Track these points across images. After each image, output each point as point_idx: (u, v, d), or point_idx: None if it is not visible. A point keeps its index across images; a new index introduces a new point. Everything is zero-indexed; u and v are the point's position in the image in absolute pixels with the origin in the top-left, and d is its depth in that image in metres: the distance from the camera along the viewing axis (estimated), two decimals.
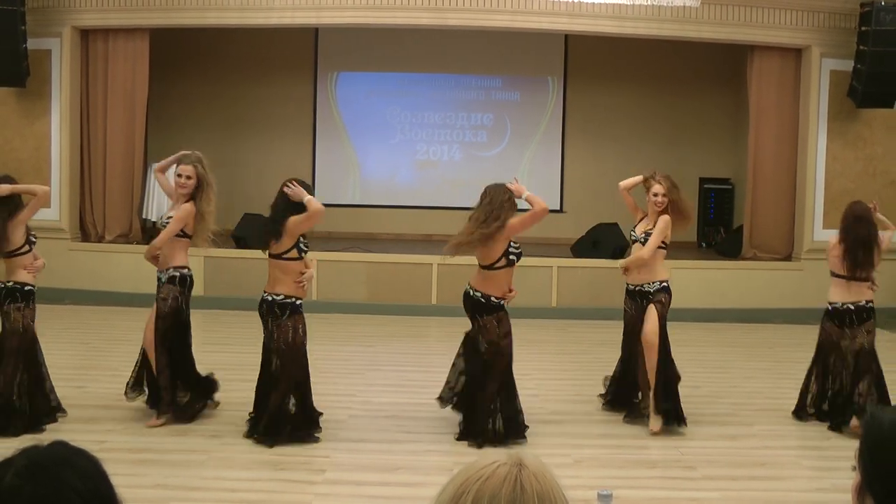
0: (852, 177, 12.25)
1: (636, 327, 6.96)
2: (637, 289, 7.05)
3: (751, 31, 11.92)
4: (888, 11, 11.11)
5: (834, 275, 7.15)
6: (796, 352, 8.00)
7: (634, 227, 7.18)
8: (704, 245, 13.95)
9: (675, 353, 9.47)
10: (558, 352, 9.60)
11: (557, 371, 8.51)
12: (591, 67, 14.63)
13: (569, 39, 14.43)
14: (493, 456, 1.48)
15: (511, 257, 6.46)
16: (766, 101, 12.26)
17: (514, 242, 6.55)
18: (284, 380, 6.13)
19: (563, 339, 10.51)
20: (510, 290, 6.52)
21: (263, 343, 6.34)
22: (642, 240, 6.93)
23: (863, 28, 11.39)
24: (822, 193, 12.20)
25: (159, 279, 6.81)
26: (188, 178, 6.66)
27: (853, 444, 1.91)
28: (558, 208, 14.49)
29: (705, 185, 14.25)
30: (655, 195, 6.91)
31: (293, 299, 6.32)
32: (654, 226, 6.86)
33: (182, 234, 6.81)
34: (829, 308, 7.17)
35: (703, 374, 8.09)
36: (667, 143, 14.62)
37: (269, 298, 6.31)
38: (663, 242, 6.88)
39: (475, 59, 14.67)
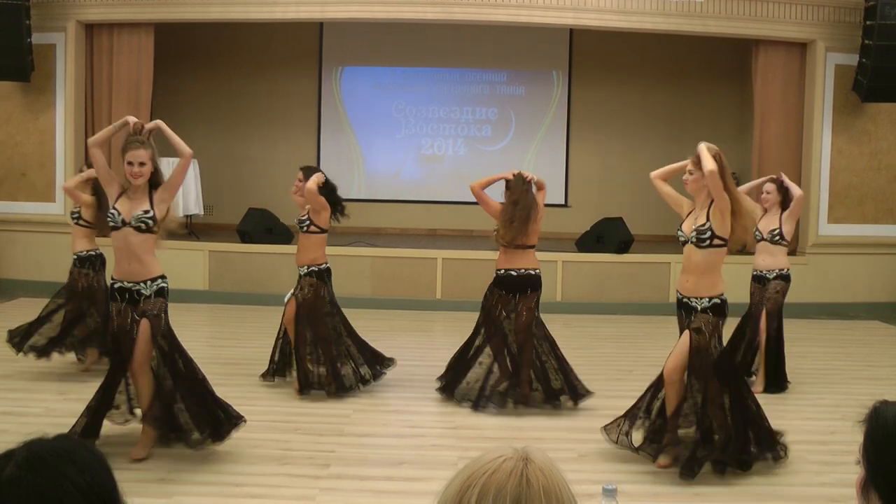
0: (857, 171, 12.24)
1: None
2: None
3: (756, 26, 11.91)
4: (893, 6, 11.09)
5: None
6: (800, 346, 7.99)
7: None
8: None
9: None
10: (562, 346, 9.55)
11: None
12: (595, 62, 14.63)
13: (574, 34, 14.43)
14: (499, 450, 1.48)
15: None
16: (771, 95, 12.25)
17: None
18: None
19: (568, 334, 10.49)
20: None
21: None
22: None
23: (868, 22, 11.37)
24: (827, 188, 12.19)
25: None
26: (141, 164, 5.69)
27: (858, 439, 1.91)
28: (563, 203, 14.50)
29: None
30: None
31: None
32: None
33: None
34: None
35: None
36: (671, 138, 14.61)
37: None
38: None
39: (480, 54, 14.68)
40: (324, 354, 7.29)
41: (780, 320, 7.80)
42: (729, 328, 7.89)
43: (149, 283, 5.54)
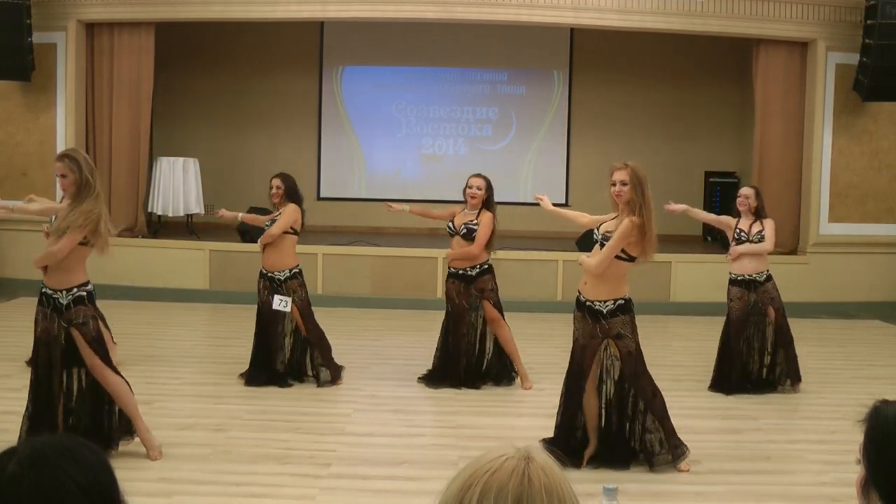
0: (858, 171, 12.24)
1: None
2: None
3: (756, 25, 11.91)
4: (894, 5, 11.09)
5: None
6: (801, 345, 7.99)
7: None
8: (710, 239, 13.94)
9: (680, 346, 9.51)
10: (563, 345, 9.56)
11: (562, 365, 8.49)
12: (596, 61, 14.63)
13: (574, 33, 14.42)
14: (501, 449, 1.48)
15: None
16: (772, 94, 12.24)
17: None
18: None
19: (569, 333, 10.46)
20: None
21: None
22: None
23: (868, 22, 11.37)
24: (828, 187, 12.19)
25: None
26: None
27: (859, 438, 1.91)
28: (563, 202, 14.49)
29: (711, 179, 14.24)
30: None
31: None
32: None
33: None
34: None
35: (708, 368, 8.08)
36: (672, 137, 14.62)
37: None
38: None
39: (480, 53, 14.67)
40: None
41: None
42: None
43: (64, 292, 5.44)
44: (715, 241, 13.85)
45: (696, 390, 7.63)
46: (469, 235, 7.52)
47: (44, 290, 5.50)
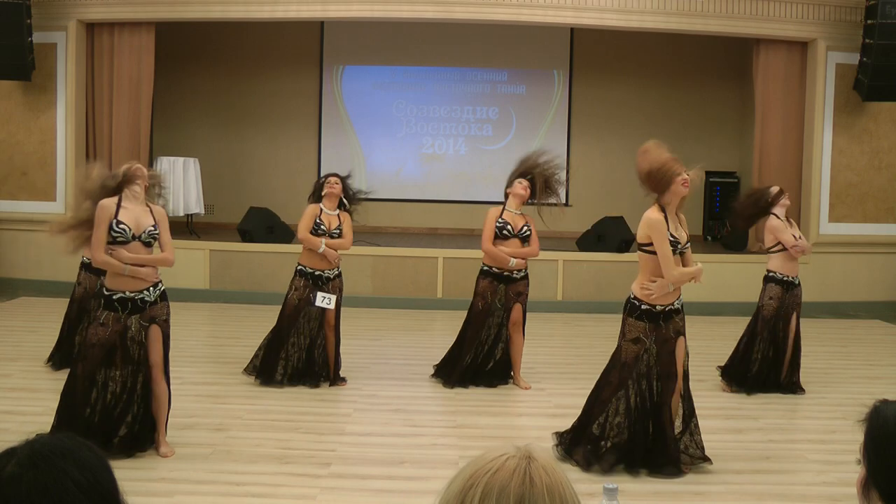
0: (858, 170, 12.24)
1: None
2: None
3: (756, 25, 11.91)
4: (894, 5, 11.09)
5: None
6: (801, 345, 7.98)
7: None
8: (710, 238, 13.95)
9: None
10: (563, 345, 9.60)
11: (563, 365, 8.53)
12: (596, 61, 14.64)
13: (574, 33, 14.44)
14: (502, 449, 1.48)
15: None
16: (772, 94, 12.25)
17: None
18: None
19: (569, 333, 10.50)
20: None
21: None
22: None
23: (868, 21, 11.38)
24: (828, 187, 12.19)
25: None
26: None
27: (859, 438, 1.91)
28: (564, 202, 14.49)
29: (711, 179, 14.24)
30: None
31: None
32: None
33: None
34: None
35: (708, 368, 8.09)
36: (672, 137, 14.48)
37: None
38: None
39: (481, 53, 14.68)
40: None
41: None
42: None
43: (151, 289, 5.55)
44: (715, 240, 13.87)
45: (698, 390, 7.61)
46: (526, 238, 7.67)
47: (119, 295, 5.45)
